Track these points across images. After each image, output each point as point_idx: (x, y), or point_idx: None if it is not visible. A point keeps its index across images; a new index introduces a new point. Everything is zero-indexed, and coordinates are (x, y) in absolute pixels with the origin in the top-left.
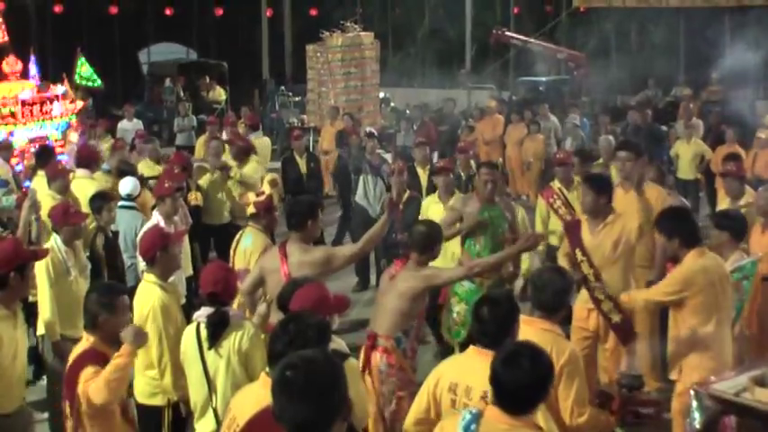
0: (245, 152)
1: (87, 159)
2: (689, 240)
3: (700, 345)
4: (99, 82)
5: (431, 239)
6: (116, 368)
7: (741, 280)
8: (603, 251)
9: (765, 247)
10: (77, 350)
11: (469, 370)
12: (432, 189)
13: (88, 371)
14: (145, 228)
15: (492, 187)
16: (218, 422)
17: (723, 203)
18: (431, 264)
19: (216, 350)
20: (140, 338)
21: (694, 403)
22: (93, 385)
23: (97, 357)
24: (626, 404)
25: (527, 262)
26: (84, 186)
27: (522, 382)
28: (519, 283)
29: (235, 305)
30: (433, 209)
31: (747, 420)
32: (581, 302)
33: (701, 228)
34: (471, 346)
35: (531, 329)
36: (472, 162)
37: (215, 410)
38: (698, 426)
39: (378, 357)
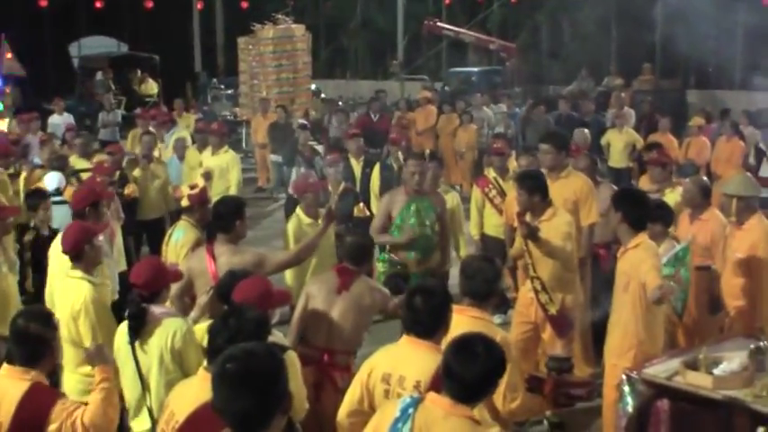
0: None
1: None
2: (638, 224)
3: (648, 329)
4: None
5: (366, 251)
6: (109, 392)
7: (678, 269)
8: (540, 246)
9: (694, 237)
10: (14, 392)
11: (403, 360)
12: (366, 180)
13: (62, 407)
14: None
15: (420, 179)
16: (154, 421)
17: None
18: None
19: (147, 348)
20: (106, 355)
21: (627, 388)
22: (88, 414)
23: (50, 391)
24: (557, 387)
25: (464, 249)
26: None
27: (473, 371)
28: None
29: (168, 303)
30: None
31: (680, 404)
32: (526, 290)
33: None
34: (404, 336)
35: (462, 318)
36: (400, 154)
37: (150, 409)
38: (630, 410)
39: (339, 377)
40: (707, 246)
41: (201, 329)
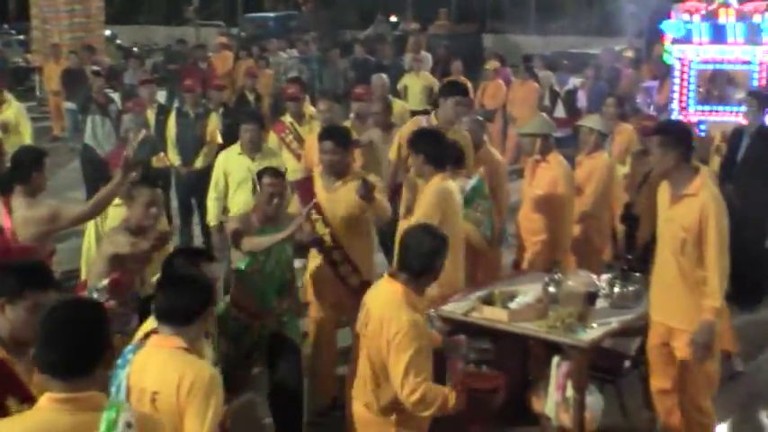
0: None
1: None
2: (437, 161)
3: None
4: None
5: None
6: None
7: (478, 202)
8: (342, 210)
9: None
10: None
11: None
12: (161, 128)
13: None
14: None
15: (278, 202)
16: None
17: None
18: None
19: None
20: None
21: (427, 326)
22: None
23: None
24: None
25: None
26: None
27: (175, 302)
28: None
29: None
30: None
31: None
32: (315, 267)
33: None
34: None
35: (391, 286)
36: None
37: None
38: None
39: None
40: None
41: None
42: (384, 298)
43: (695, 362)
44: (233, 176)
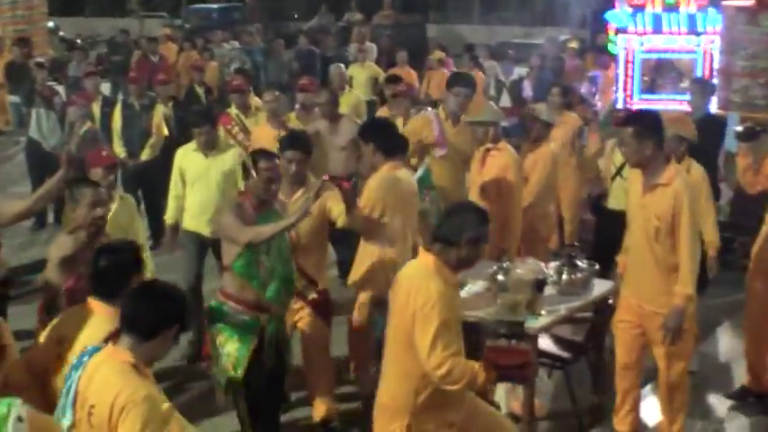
0: None
1: None
2: (387, 150)
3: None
4: None
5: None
6: None
7: (426, 192)
8: (303, 221)
9: None
10: None
11: (81, 323)
12: (106, 120)
13: None
14: None
15: (276, 188)
16: None
17: None
18: None
19: None
20: None
21: (376, 312)
22: None
23: None
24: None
25: None
26: None
27: (140, 312)
28: None
29: None
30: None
31: None
32: None
33: None
34: (89, 298)
35: (423, 258)
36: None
37: None
38: (379, 335)
39: None
40: None
41: None
42: (414, 269)
43: (667, 343)
44: (188, 174)
